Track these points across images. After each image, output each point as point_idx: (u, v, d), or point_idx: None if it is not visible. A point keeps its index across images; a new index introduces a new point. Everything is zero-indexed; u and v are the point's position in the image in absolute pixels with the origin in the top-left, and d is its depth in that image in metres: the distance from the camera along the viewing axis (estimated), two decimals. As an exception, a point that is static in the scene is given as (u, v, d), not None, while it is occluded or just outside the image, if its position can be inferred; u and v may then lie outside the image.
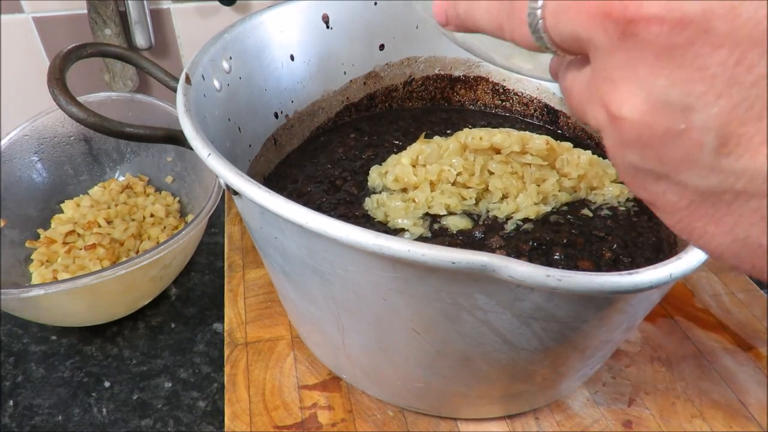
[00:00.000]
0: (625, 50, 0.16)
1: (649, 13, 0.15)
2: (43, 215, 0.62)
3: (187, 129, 0.35)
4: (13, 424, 0.48)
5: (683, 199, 0.17)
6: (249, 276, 0.58)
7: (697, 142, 0.16)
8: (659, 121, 0.16)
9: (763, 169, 0.15)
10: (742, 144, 0.15)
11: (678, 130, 0.16)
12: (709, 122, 0.15)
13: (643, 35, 0.16)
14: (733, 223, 0.17)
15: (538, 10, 0.19)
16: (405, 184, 0.47)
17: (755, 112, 0.15)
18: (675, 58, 0.15)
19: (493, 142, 0.47)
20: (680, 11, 0.15)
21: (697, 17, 0.15)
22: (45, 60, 0.71)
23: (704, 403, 0.47)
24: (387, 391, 0.45)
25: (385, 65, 0.59)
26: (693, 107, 0.15)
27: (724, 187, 0.16)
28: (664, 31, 0.15)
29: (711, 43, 0.15)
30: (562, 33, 0.19)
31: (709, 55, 0.15)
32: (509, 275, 0.26)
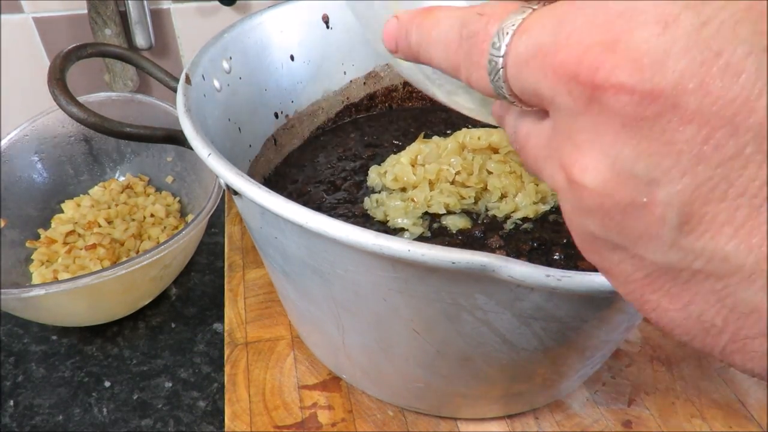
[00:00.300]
0: (590, 115, 0.16)
1: (618, 81, 0.15)
2: (43, 215, 0.62)
3: (187, 129, 0.35)
4: (13, 424, 0.48)
5: (639, 271, 0.17)
6: (249, 276, 0.58)
7: (659, 217, 0.15)
8: (622, 192, 0.16)
9: (722, 251, 0.15)
10: (704, 224, 0.15)
11: (641, 202, 0.16)
12: (672, 198, 0.15)
13: (610, 103, 0.15)
14: (687, 301, 0.16)
15: (500, 58, 0.18)
16: (404, 183, 0.47)
17: (719, 193, 0.14)
18: (642, 130, 0.15)
19: (491, 142, 0.47)
20: (651, 83, 0.14)
21: (667, 91, 0.14)
22: (45, 60, 0.71)
23: (704, 403, 0.47)
24: (387, 391, 0.45)
25: (385, 65, 0.59)
26: (658, 181, 0.15)
27: (682, 265, 0.16)
28: (633, 102, 0.15)
29: (680, 118, 0.14)
30: (523, 86, 0.18)
31: (677, 130, 0.14)
32: (509, 275, 0.26)
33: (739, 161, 0.14)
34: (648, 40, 0.14)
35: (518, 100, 0.19)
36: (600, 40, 0.15)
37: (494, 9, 0.19)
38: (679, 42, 0.14)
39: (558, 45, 0.16)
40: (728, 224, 0.14)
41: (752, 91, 0.13)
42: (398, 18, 0.23)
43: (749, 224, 0.14)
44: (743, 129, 0.14)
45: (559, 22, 0.16)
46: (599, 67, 0.15)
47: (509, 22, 0.18)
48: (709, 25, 0.14)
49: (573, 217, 0.18)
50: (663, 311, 0.17)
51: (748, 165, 0.14)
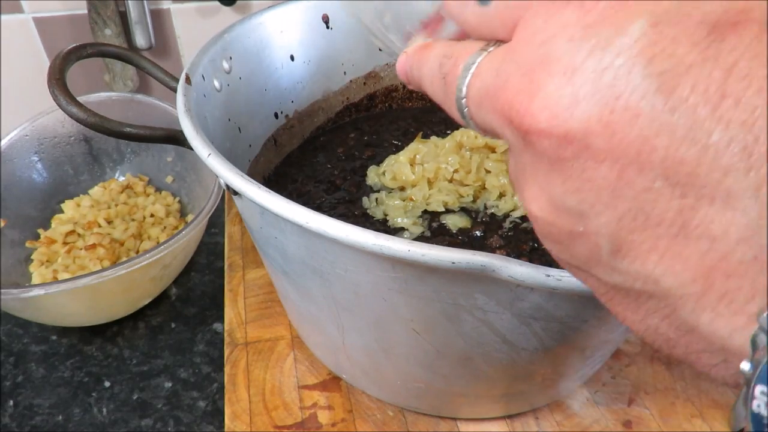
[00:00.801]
0: (527, 154, 0.17)
1: (539, 127, 0.16)
2: (43, 215, 0.62)
3: (187, 129, 0.35)
4: (13, 424, 0.48)
5: (600, 288, 0.19)
6: (249, 276, 0.58)
7: (595, 244, 0.17)
8: (562, 222, 0.17)
9: (652, 275, 0.16)
10: (633, 250, 0.16)
11: (578, 232, 0.17)
12: (601, 229, 0.16)
13: (537, 146, 0.16)
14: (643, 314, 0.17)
15: (462, 99, 0.20)
16: (403, 182, 0.47)
17: (639, 223, 0.15)
18: (565, 170, 0.16)
19: (488, 141, 0.47)
20: (564, 127, 0.15)
21: (579, 134, 0.15)
22: (45, 60, 0.70)
23: (704, 402, 0.47)
24: (387, 391, 0.45)
25: (385, 65, 0.59)
26: (587, 214, 0.16)
27: (627, 286, 0.17)
28: (553, 145, 0.16)
29: (594, 158, 0.15)
30: (484, 123, 0.19)
31: (593, 168, 0.15)
32: (509, 275, 0.26)
33: (651, 194, 0.15)
34: (559, 87, 0.15)
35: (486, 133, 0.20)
36: (525, 87, 0.16)
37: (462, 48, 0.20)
38: (584, 87, 0.15)
39: (497, 88, 0.18)
40: (653, 251, 0.15)
41: (650, 130, 0.14)
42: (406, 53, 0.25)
43: (670, 252, 0.15)
44: (648, 166, 0.15)
45: (500, 67, 0.18)
46: (525, 113, 0.16)
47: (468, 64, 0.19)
48: (608, 70, 0.15)
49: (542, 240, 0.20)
50: (630, 322, 0.18)
51: (659, 198, 0.15)
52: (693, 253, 0.15)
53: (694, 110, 0.14)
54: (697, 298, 0.15)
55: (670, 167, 0.14)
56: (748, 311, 0.14)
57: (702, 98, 0.14)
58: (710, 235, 0.14)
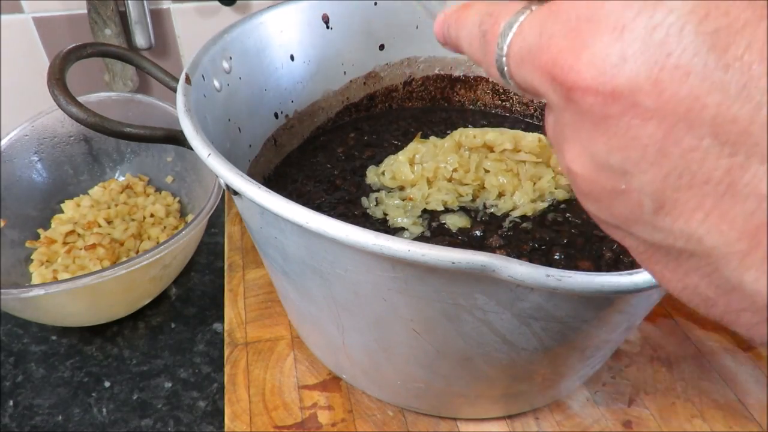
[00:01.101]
0: (570, 112, 0.17)
1: (585, 84, 0.16)
2: (43, 215, 0.62)
3: (187, 129, 0.35)
4: (13, 424, 0.48)
5: (638, 246, 0.19)
6: (249, 276, 0.58)
7: (638, 202, 0.17)
8: (604, 180, 0.17)
9: (696, 234, 0.16)
10: (677, 208, 0.16)
11: (620, 189, 0.17)
12: (645, 186, 0.16)
13: (581, 103, 0.16)
14: (683, 273, 0.17)
15: (503, 57, 0.20)
16: (402, 181, 0.47)
17: (686, 181, 0.15)
18: (610, 128, 0.16)
19: (486, 140, 0.47)
20: (611, 84, 0.15)
21: (626, 91, 0.15)
22: (45, 60, 0.71)
23: (704, 403, 0.47)
24: (387, 391, 0.45)
25: (385, 65, 0.59)
26: (630, 172, 0.16)
27: (668, 244, 0.17)
28: (599, 102, 0.16)
29: (641, 115, 0.15)
30: (524, 82, 0.19)
31: (640, 126, 0.15)
32: (509, 275, 0.26)
33: (698, 153, 0.15)
34: (608, 45, 0.15)
35: (526, 92, 0.20)
36: (570, 45, 0.16)
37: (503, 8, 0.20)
38: (633, 45, 0.15)
39: (541, 47, 0.18)
40: (698, 209, 0.15)
41: (701, 88, 0.14)
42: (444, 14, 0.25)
43: (716, 211, 0.15)
44: (698, 123, 0.15)
45: (543, 26, 0.18)
46: (569, 71, 0.16)
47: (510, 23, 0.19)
48: (659, 28, 0.15)
49: (580, 199, 0.20)
50: (667, 281, 0.18)
51: (707, 156, 0.15)
52: (740, 212, 0.15)
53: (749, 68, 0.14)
54: (742, 256, 0.15)
55: (720, 125, 0.14)
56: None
57: (758, 56, 0.14)
58: (759, 193, 0.14)
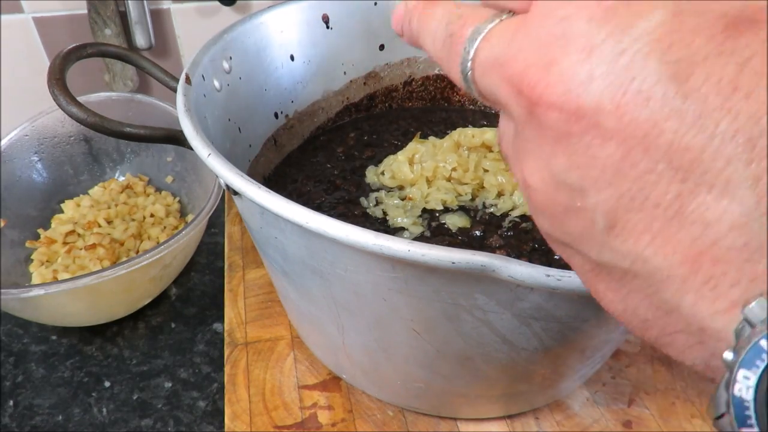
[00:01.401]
0: (533, 126, 0.18)
1: (550, 99, 0.16)
2: (43, 215, 0.62)
3: (187, 129, 0.35)
4: (13, 424, 0.48)
5: (585, 265, 0.19)
6: (249, 276, 0.58)
7: (591, 220, 0.17)
8: (560, 197, 0.18)
9: (642, 255, 0.16)
10: (627, 229, 0.16)
11: (575, 207, 0.17)
12: (599, 206, 0.17)
13: (544, 118, 0.17)
14: (625, 294, 0.18)
15: (468, 62, 0.20)
16: (401, 181, 0.48)
17: (637, 203, 0.16)
18: (571, 145, 0.16)
19: (485, 140, 0.48)
20: (576, 103, 0.16)
21: (589, 111, 0.16)
22: (45, 60, 0.70)
23: (704, 403, 0.47)
24: (387, 391, 0.45)
25: (385, 65, 0.59)
26: (587, 190, 0.17)
27: (614, 263, 0.17)
28: (562, 119, 0.16)
29: (601, 136, 0.16)
30: (487, 90, 0.20)
31: (600, 146, 0.16)
32: (509, 275, 0.26)
33: (652, 176, 0.15)
34: (576, 64, 0.16)
35: (486, 100, 0.21)
36: (539, 60, 0.17)
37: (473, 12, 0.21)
38: (600, 67, 0.15)
39: (509, 59, 0.18)
40: (646, 232, 0.16)
41: (660, 114, 0.15)
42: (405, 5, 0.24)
43: (663, 234, 0.16)
44: (654, 148, 0.15)
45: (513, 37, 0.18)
46: (536, 85, 0.17)
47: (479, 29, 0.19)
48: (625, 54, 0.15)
49: (533, 215, 0.20)
50: (609, 302, 0.19)
51: (660, 180, 0.15)
52: (685, 236, 0.15)
53: (705, 99, 0.14)
54: (682, 280, 0.16)
55: (675, 152, 0.15)
56: (731, 296, 0.15)
57: (714, 89, 0.14)
58: (704, 220, 0.15)
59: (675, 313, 0.16)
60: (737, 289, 0.15)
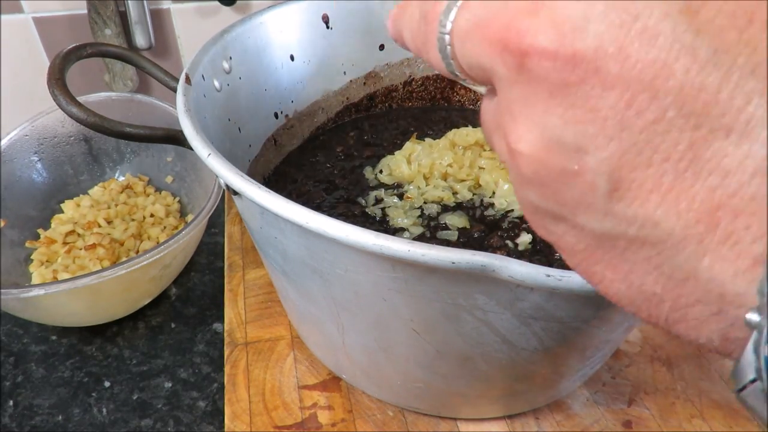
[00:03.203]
0: (522, 84, 0.16)
1: (541, 46, 0.15)
2: (43, 215, 0.62)
3: (187, 129, 0.35)
4: (13, 424, 0.48)
5: (580, 242, 0.17)
6: (249, 276, 0.58)
7: (591, 184, 0.15)
8: (554, 160, 0.16)
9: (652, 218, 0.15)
10: (632, 190, 0.15)
11: (572, 170, 0.15)
12: (600, 166, 0.15)
13: (536, 70, 0.15)
14: (627, 270, 0.16)
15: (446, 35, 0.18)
16: (399, 178, 0.48)
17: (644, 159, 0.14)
18: (568, 97, 0.15)
19: (478, 138, 0.48)
20: (572, 47, 0.14)
21: (588, 55, 0.14)
22: (45, 60, 0.70)
23: (704, 403, 0.47)
24: (387, 391, 0.45)
25: (385, 65, 0.59)
26: (585, 149, 0.15)
27: (617, 233, 0.16)
28: (557, 67, 0.15)
29: (602, 83, 0.14)
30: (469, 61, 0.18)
31: (600, 96, 0.14)
32: (509, 275, 0.26)
33: (661, 126, 0.14)
34: (568, 5, 0.14)
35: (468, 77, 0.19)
36: (525, 7, 0.15)
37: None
38: (597, 6, 0.14)
39: (491, 16, 0.16)
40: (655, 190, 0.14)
41: (669, 53, 0.13)
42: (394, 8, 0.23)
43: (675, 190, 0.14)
44: (663, 92, 0.14)
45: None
46: (524, 34, 0.15)
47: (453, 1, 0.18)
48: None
49: (518, 188, 0.18)
50: (608, 283, 0.17)
51: (670, 129, 0.14)
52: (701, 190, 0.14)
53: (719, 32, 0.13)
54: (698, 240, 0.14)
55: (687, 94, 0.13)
56: (753, 252, 0.14)
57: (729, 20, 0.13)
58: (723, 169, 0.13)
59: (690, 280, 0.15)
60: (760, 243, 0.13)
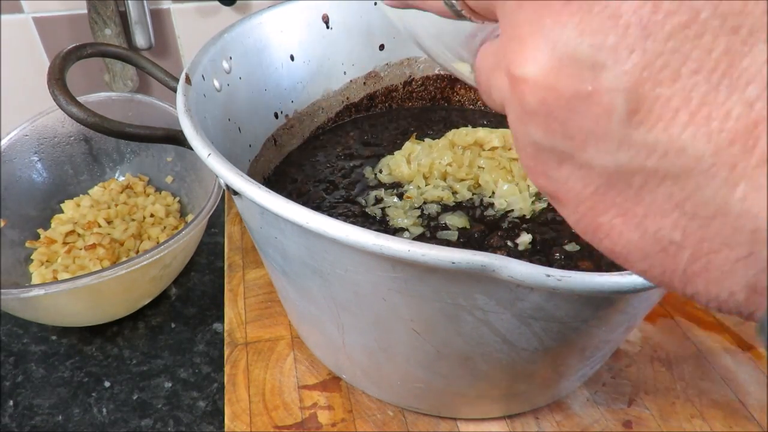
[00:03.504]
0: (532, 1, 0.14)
1: None
2: (43, 215, 0.62)
3: (187, 129, 0.35)
4: (13, 424, 0.48)
5: (588, 185, 0.15)
6: (249, 276, 0.58)
7: (606, 107, 0.13)
8: (565, 82, 0.14)
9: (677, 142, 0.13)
10: (655, 110, 0.13)
11: (586, 92, 0.14)
12: (619, 82, 0.13)
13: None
14: (642, 214, 0.14)
15: None
16: (399, 177, 0.48)
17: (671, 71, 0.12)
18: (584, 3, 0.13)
19: (477, 138, 0.48)
20: None
21: None
22: (45, 60, 0.71)
23: (704, 403, 0.47)
24: (387, 391, 0.45)
25: (385, 65, 0.59)
26: (603, 64, 0.13)
27: (633, 166, 0.14)
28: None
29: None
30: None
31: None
32: (509, 275, 0.26)
33: (693, 30, 0.12)
34: None
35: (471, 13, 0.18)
36: None
37: None
38: None
39: None
40: (683, 108, 0.13)
41: None
42: None
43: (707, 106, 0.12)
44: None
45: None
46: None
47: None
48: None
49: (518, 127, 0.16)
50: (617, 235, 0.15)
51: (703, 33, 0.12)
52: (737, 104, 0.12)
53: None
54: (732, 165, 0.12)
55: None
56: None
57: None
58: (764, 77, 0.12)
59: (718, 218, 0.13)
60: None
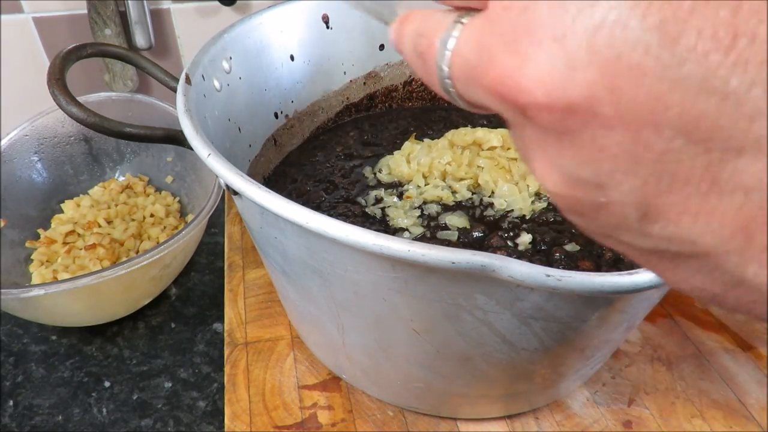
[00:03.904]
0: (531, 128, 0.16)
1: (536, 101, 0.15)
2: (43, 215, 0.62)
3: (187, 129, 0.35)
4: (13, 424, 0.48)
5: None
6: (249, 276, 0.58)
7: (621, 214, 0.16)
8: (580, 195, 0.16)
9: (688, 237, 0.15)
10: (663, 213, 0.15)
11: (600, 202, 0.16)
12: (625, 197, 0.15)
13: (538, 120, 0.15)
14: (685, 276, 0.16)
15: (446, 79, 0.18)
16: (398, 176, 0.48)
17: (665, 185, 0.14)
18: (575, 140, 0.15)
19: (476, 138, 0.48)
20: (564, 99, 0.14)
21: (581, 103, 0.14)
22: (45, 60, 0.70)
23: (704, 403, 0.47)
24: (387, 391, 0.45)
25: (385, 65, 0.59)
26: (606, 184, 0.15)
27: (661, 248, 0.16)
28: (556, 119, 0.15)
29: (602, 125, 0.14)
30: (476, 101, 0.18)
31: (605, 136, 0.14)
32: (509, 275, 0.26)
33: (672, 155, 0.14)
34: (551, 56, 0.14)
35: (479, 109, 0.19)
36: (512, 62, 0.15)
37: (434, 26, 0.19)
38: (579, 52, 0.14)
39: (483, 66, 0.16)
40: (685, 212, 0.14)
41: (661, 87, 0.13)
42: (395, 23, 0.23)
43: (704, 210, 0.14)
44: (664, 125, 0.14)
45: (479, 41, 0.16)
46: (517, 90, 0.15)
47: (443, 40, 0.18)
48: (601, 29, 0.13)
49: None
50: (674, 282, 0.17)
51: (682, 156, 0.14)
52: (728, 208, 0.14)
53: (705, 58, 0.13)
54: (740, 252, 0.14)
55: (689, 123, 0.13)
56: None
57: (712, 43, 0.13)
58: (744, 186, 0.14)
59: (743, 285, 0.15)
60: None
